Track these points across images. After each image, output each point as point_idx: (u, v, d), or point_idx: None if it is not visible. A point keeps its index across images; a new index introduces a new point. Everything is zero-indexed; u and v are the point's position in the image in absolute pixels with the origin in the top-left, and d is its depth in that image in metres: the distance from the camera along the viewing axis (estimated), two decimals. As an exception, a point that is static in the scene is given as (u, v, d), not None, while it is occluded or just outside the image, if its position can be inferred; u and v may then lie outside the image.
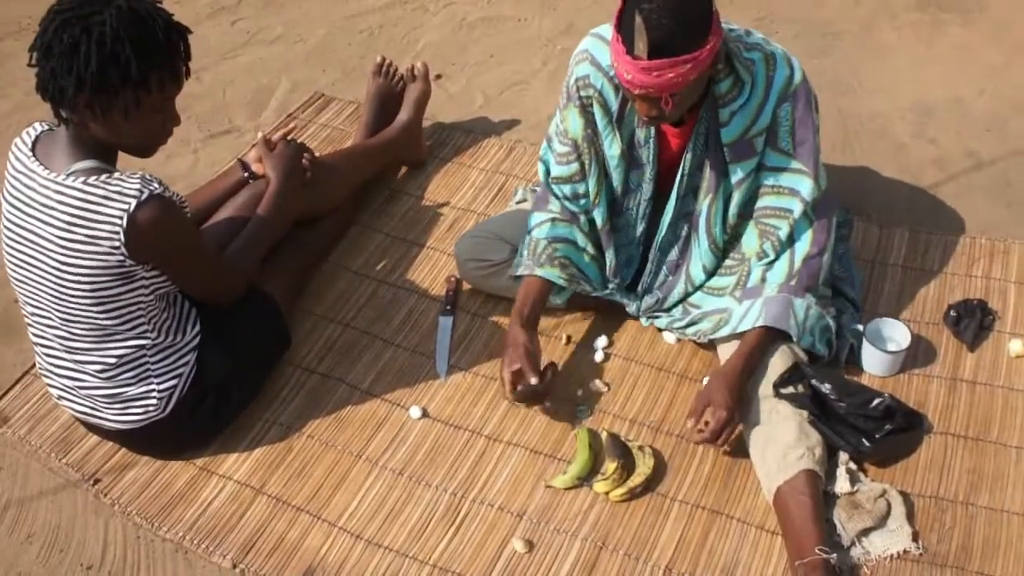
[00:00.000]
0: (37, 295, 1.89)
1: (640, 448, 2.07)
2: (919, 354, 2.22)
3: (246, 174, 2.38)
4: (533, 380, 2.06)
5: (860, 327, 2.19)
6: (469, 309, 2.43)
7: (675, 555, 1.91)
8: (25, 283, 1.90)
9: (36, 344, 2.04)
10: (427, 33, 3.45)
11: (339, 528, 1.99)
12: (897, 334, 2.18)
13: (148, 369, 1.99)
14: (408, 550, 1.95)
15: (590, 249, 2.25)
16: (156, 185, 1.79)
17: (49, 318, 1.93)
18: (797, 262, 2.06)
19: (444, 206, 2.73)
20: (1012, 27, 3.24)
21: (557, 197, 2.21)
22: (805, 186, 2.02)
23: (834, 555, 1.80)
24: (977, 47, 3.19)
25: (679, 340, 2.30)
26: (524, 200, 2.48)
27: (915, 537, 1.88)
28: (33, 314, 1.97)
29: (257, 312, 2.21)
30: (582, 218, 2.22)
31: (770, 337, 2.04)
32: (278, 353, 2.29)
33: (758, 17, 3.30)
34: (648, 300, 2.27)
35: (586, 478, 2.05)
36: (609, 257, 2.24)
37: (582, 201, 2.20)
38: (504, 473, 2.08)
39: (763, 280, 2.09)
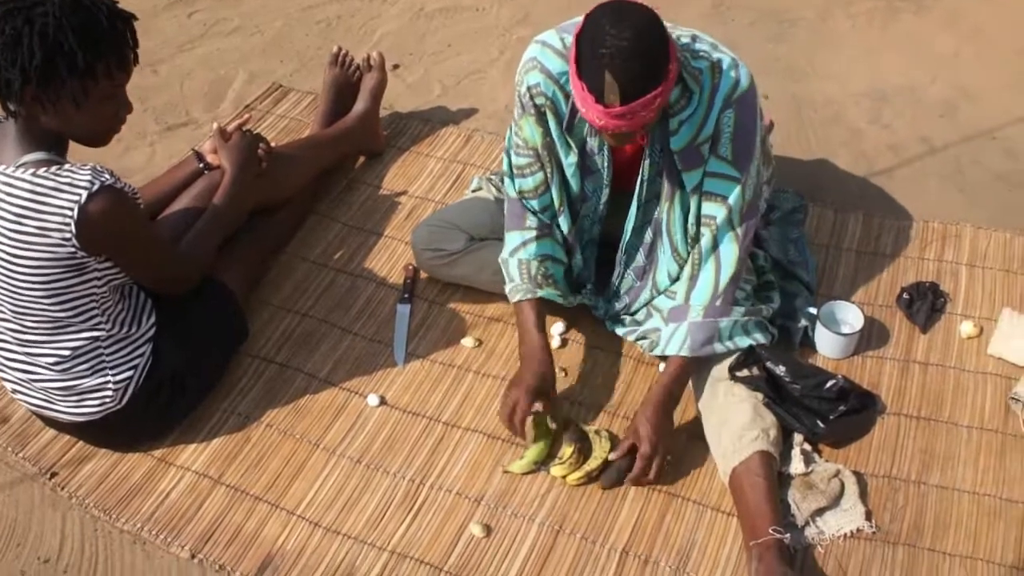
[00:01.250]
0: (-13, 288, 1.87)
1: (596, 432, 2.08)
2: (872, 336, 2.25)
3: (201, 165, 2.37)
4: (520, 432, 2.05)
5: (814, 310, 2.21)
6: (427, 297, 2.43)
7: (632, 538, 1.92)
8: (-26, 276, 1.88)
9: (-11, 337, 2.02)
10: (385, 23, 3.43)
11: (297, 516, 1.99)
12: (850, 316, 2.21)
13: (103, 361, 1.97)
14: (366, 537, 1.95)
15: (565, 259, 2.23)
16: (107, 176, 1.77)
17: (1, 311, 1.90)
18: (723, 281, 2.03)
19: (402, 195, 2.73)
20: (964, 16, 3.28)
21: (531, 212, 2.17)
22: (733, 192, 1.99)
23: (787, 535, 1.82)
24: (930, 35, 3.22)
25: (637, 325, 2.31)
26: (480, 189, 2.48)
27: (868, 516, 1.91)
28: (-17, 307, 1.94)
29: (213, 303, 2.19)
30: (556, 230, 2.20)
31: (695, 362, 2.05)
32: (235, 343, 2.28)
33: (715, 3, 3.31)
34: (616, 305, 2.26)
35: (543, 463, 2.05)
36: (576, 260, 2.24)
37: (548, 212, 2.18)
38: (462, 459, 2.08)
39: (687, 300, 2.06)
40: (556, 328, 2.32)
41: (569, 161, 2.09)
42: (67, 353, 1.93)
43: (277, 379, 2.26)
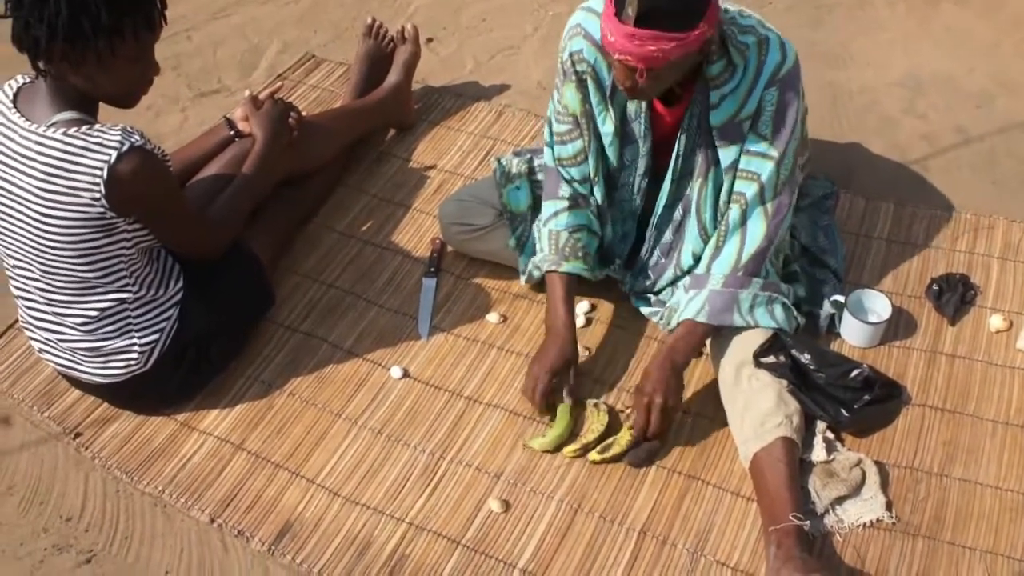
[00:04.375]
0: (18, 247, 1.88)
1: (595, 405, 2.09)
2: (900, 326, 2.23)
3: (232, 132, 2.37)
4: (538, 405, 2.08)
5: (842, 298, 2.19)
6: (452, 271, 2.43)
7: (650, 519, 1.92)
8: (6, 235, 1.89)
9: (18, 297, 2.04)
10: (419, -4, 3.43)
11: (317, 485, 2.00)
12: (878, 306, 2.19)
13: (130, 323, 1.98)
14: (385, 508, 1.96)
15: (599, 231, 2.23)
16: (137, 137, 1.78)
17: (30, 270, 1.92)
18: (745, 255, 2.02)
19: (431, 169, 2.72)
20: (1005, 5, 3.23)
21: (567, 181, 2.17)
22: (766, 169, 1.98)
23: (807, 522, 1.81)
24: (969, 24, 3.17)
25: (662, 307, 2.31)
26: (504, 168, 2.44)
27: (888, 506, 1.90)
28: (15, 267, 1.96)
29: (241, 269, 2.20)
30: (592, 200, 2.19)
31: (709, 328, 2.04)
32: (261, 311, 2.29)
33: (727, 6, 3.24)
34: (642, 282, 2.25)
35: (565, 443, 2.05)
36: (608, 232, 2.23)
37: (586, 183, 2.17)
38: (483, 434, 2.09)
39: (708, 269, 2.06)
40: (581, 307, 2.31)
41: (606, 130, 2.08)
42: (94, 314, 1.95)
43: (301, 348, 2.27)
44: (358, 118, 2.69)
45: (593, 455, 2.01)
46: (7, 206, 1.83)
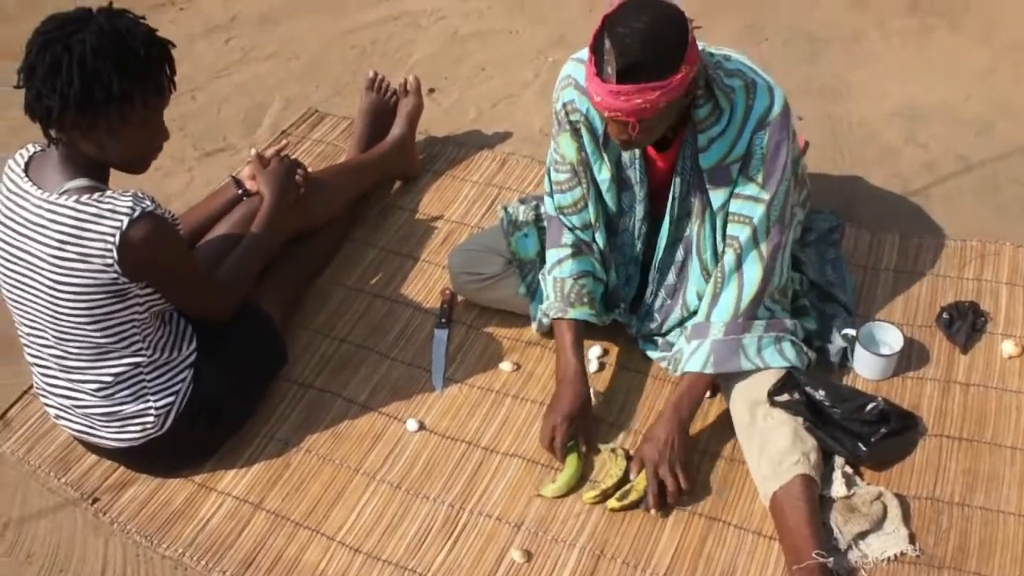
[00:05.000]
0: (32, 314, 1.90)
1: (613, 450, 2.09)
2: (912, 357, 2.23)
3: (240, 191, 2.40)
4: (557, 452, 2.08)
5: (853, 331, 2.20)
6: (464, 321, 2.44)
7: (673, 562, 1.91)
8: (20, 303, 1.91)
9: (32, 364, 2.05)
10: (420, 48, 3.47)
11: (337, 542, 2.00)
12: (890, 337, 2.19)
13: (145, 386, 1.99)
14: (407, 563, 1.95)
15: (604, 277, 2.25)
16: (148, 203, 1.80)
17: (44, 337, 1.94)
18: (744, 302, 2.03)
19: (438, 220, 2.75)
20: (998, 31, 3.26)
21: (569, 229, 2.19)
22: (757, 213, 1.99)
23: (831, 559, 1.80)
24: (964, 52, 3.21)
25: (672, 348, 2.31)
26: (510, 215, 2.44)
27: (912, 539, 1.89)
28: (29, 334, 1.98)
29: (253, 329, 2.22)
30: (594, 247, 2.21)
31: (712, 377, 2.05)
32: (274, 369, 2.30)
33: (747, 24, 3.31)
34: (648, 324, 2.26)
35: (576, 487, 2.05)
36: (612, 277, 2.25)
37: (588, 230, 2.19)
38: (501, 484, 2.08)
39: (708, 318, 2.06)
40: (593, 352, 2.32)
41: (603, 176, 2.11)
42: (109, 379, 1.96)
43: (316, 404, 2.28)
44: (363, 172, 2.72)
45: (612, 503, 2.00)
46: (21, 274, 1.85)
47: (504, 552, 1.95)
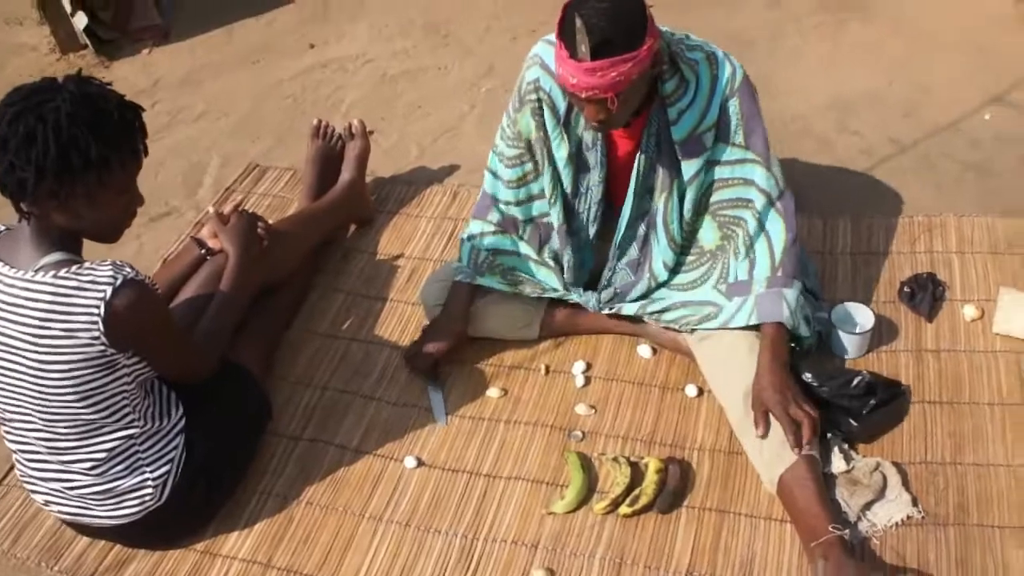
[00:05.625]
0: (15, 399, 1.84)
1: (615, 459, 2.12)
2: (883, 333, 2.32)
3: (203, 251, 2.37)
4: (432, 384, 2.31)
5: (825, 314, 2.28)
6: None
7: (692, 559, 1.94)
8: (1, 389, 1.85)
9: (16, 451, 1.99)
10: (351, 92, 3.48)
11: (356, 589, 1.98)
12: (861, 316, 2.28)
13: (139, 458, 1.95)
14: (430, 599, 1.95)
15: (534, 255, 2.33)
16: (128, 270, 1.77)
17: (31, 421, 1.88)
18: (778, 254, 2.12)
19: (399, 258, 2.75)
20: (906, 21, 3.43)
21: (500, 205, 2.30)
22: (758, 174, 2.11)
23: (847, 531, 1.86)
24: (879, 41, 3.36)
25: (654, 352, 2.36)
26: None
27: (914, 502, 1.96)
28: (11, 420, 1.91)
29: (236, 386, 2.19)
30: (522, 226, 2.30)
31: (772, 329, 2.10)
32: (262, 424, 2.27)
33: (672, 30, 3.39)
34: (606, 293, 2.32)
35: (585, 499, 2.08)
36: (567, 257, 2.30)
37: (538, 202, 2.26)
38: (511, 508, 2.09)
39: (750, 275, 2.15)
40: (578, 367, 2.35)
41: (560, 154, 2.18)
42: (102, 455, 1.91)
43: (309, 455, 2.25)
44: (320, 219, 2.71)
45: (623, 509, 2.03)
46: (1, 359, 1.80)
47: (526, 573, 1.96)
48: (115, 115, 1.71)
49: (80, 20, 3.66)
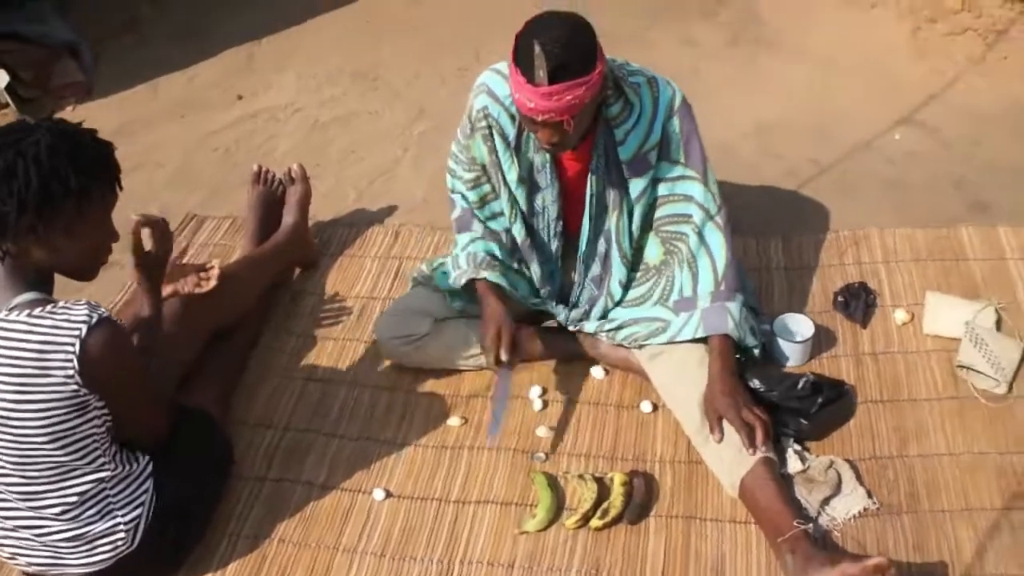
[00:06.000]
0: (-17, 445, 1.81)
1: (581, 476, 2.18)
2: (822, 341, 2.44)
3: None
4: (505, 357, 2.20)
5: (767, 326, 2.39)
6: (401, 387, 2.47)
7: (665, 566, 2.01)
8: (-32, 435, 1.81)
9: (-17, 502, 1.94)
10: (283, 141, 3.51)
11: (338, 621, 1.99)
12: (801, 326, 2.40)
13: (110, 502, 1.93)
14: (412, 625, 1.96)
15: (513, 264, 2.40)
16: (103, 309, 1.78)
17: (0, 466, 1.84)
18: (720, 268, 2.23)
19: (348, 298, 2.78)
20: (811, 50, 3.63)
21: (480, 220, 2.36)
22: (696, 190, 2.23)
23: (810, 525, 1.95)
24: (788, 71, 3.56)
25: (607, 373, 2.43)
26: (420, 281, 2.55)
27: (869, 495, 2.07)
28: (-23, 469, 1.87)
29: (198, 427, 2.18)
30: (503, 236, 2.37)
31: (719, 341, 2.20)
32: (227, 465, 2.26)
33: (613, 57, 3.52)
34: (576, 312, 2.41)
35: (555, 516, 2.13)
36: (534, 270, 2.39)
37: (500, 219, 2.35)
38: (482, 531, 2.12)
39: (694, 291, 2.25)
40: (534, 391, 2.41)
41: (512, 177, 2.27)
42: (74, 499, 1.89)
43: (275, 495, 2.25)
44: (266, 263, 2.71)
45: (595, 522, 2.08)
46: None
47: (506, 593, 2.00)
48: (91, 148, 1.75)
49: (1, 78, 3.61)
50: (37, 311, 1.73)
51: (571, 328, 2.41)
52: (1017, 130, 3.11)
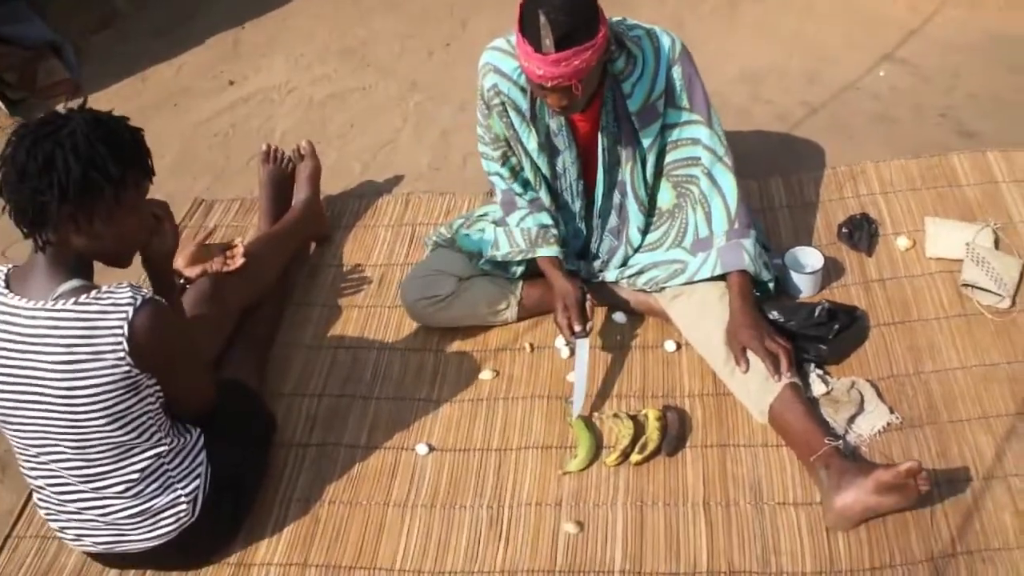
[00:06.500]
0: (42, 430, 1.86)
1: (616, 415, 2.27)
2: (831, 272, 2.54)
3: (182, 280, 2.42)
4: (577, 328, 2.30)
5: (779, 260, 2.49)
6: (429, 348, 2.55)
7: (706, 490, 2.11)
8: (25, 423, 1.86)
9: (43, 488, 1.99)
10: (281, 121, 3.55)
11: (398, 571, 2.07)
12: (810, 258, 2.50)
13: (169, 476, 1.99)
14: (471, 568, 2.05)
15: (562, 226, 2.48)
16: (145, 291, 1.83)
17: (60, 452, 1.89)
18: (732, 206, 2.32)
19: (366, 267, 2.84)
20: (794, -1, 3.74)
21: (519, 195, 2.43)
22: (702, 133, 2.31)
23: (840, 441, 2.06)
24: (772, 18, 3.64)
25: (628, 317, 2.52)
26: (444, 237, 2.63)
27: (891, 411, 2.18)
28: (38, 454, 1.92)
29: (240, 398, 2.25)
30: (544, 201, 2.44)
31: (737, 277, 2.29)
32: (270, 434, 2.33)
33: (609, 16, 3.60)
34: (597, 263, 2.51)
35: (595, 456, 2.22)
36: (560, 230, 2.47)
37: (529, 189, 2.44)
38: (527, 475, 2.21)
39: (709, 230, 2.34)
40: (560, 341, 2.49)
41: (531, 146, 2.35)
42: (136, 476, 1.95)
43: (321, 459, 2.32)
44: (283, 239, 2.76)
45: (634, 457, 2.18)
46: (24, 391, 1.82)
47: (557, 529, 2.09)
48: (127, 135, 1.79)
49: (-14, 82, 3.63)
50: (83, 298, 1.78)
51: (593, 281, 2.49)
52: (993, 60, 3.23)
